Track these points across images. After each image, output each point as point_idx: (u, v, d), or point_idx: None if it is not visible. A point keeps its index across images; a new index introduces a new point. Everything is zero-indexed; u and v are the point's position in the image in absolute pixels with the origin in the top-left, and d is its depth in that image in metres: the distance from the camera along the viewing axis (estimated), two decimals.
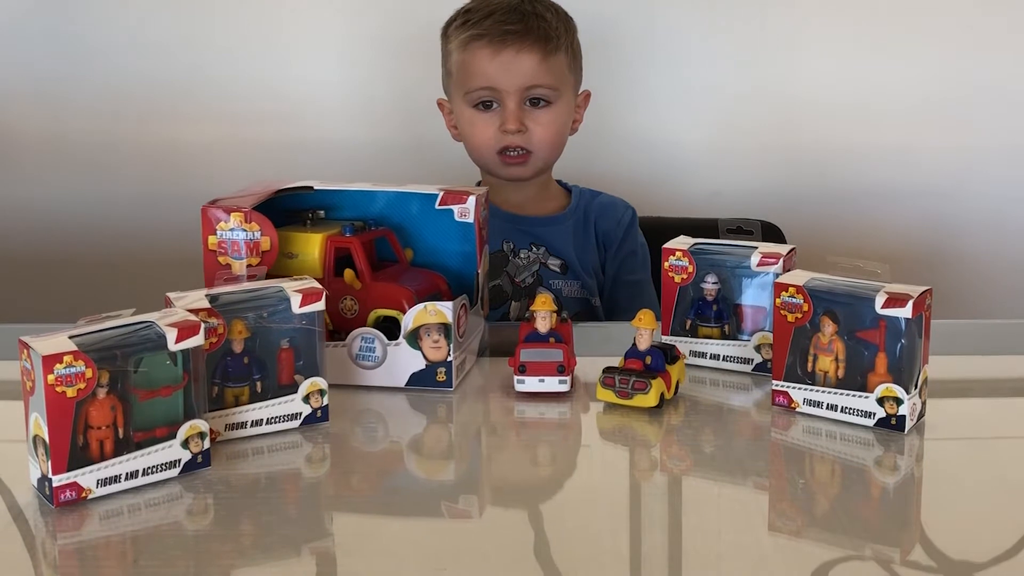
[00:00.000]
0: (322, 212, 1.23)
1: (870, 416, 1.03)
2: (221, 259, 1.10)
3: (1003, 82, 2.12)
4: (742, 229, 1.77)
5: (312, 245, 1.17)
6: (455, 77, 1.59)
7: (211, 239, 1.11)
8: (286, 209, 1.21)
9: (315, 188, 1.22)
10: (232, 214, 1.10)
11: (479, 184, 1.67)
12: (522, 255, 1.58)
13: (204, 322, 0.93)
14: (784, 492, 0.95)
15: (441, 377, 1.12)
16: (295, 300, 1.01)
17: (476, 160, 1.62)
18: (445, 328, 1.11)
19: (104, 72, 2.10)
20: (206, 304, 0.98)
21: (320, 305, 1.02)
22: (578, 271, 1.60)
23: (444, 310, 1.11)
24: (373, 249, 1.21)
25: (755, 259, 1.17)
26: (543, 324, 1.12)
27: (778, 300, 1.06)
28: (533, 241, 1.60)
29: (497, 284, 1.56)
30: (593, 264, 1.62)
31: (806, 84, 2.13)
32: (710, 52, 2.11)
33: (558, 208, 1.65)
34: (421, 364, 1.12)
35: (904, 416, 1.01)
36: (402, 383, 1.12)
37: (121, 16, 2.08)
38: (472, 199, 1.19)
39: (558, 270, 1.59)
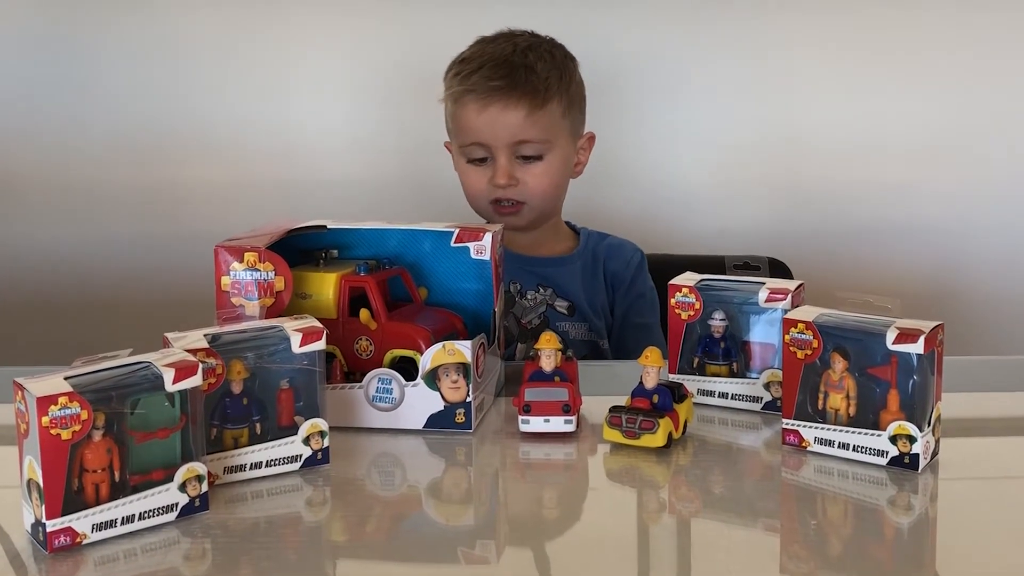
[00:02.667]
0: (335, 251, 1.22)
1: (883, 455, 1.00)
2: (234, 300, 1.09)
3: (1009, 118, 2.12)
4: (749, 265, 1.76)
5: (326, 285, 1.16)
6: (451, 128, 1.60)
7: (224, 280, 1.09)
8: (298, 249, 1.19)
9: (328, 227, 1.21)
10: (246, 254, 1.08)
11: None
12: (529, 296, 1.57)
13: (202, 362, 0.92)
14: (796, 533, 0.93)
15: (460, 419, 1.10)
16: (295, 340, 0.99)
17: (472, 207, 1.61)
18: (464, 368, 1.09)
19: (106, 115, 2.10)
20: (205, 344, 0.96)
21: (320, 345, 1.01)
22: (586, 313, 1.58)
23: (463, 349, 1.09)
24: (387, 288, 1.20)
25: (763, 295, 1.16)
26: (548, 363, 1.10)
27: (787, 336, 1.05)
28: (540, 282, 1.58)
29: (503, 325, 1.54)
30: (602, 305, 1.61)
31: (812, 121, 2.13)
32: (715, 90, 2.11)
33: (566, 249, 1.64)
34: (439, 405, 1.10)
35: (917, 454, 0.99)
36: (420, 425, 1.10)
37: (124, 60, 2.09)
38: (488, 236, 1.18)
39: (565, 312, 1.57)
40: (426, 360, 1.09)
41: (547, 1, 2.05)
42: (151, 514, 0.88)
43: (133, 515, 0.88)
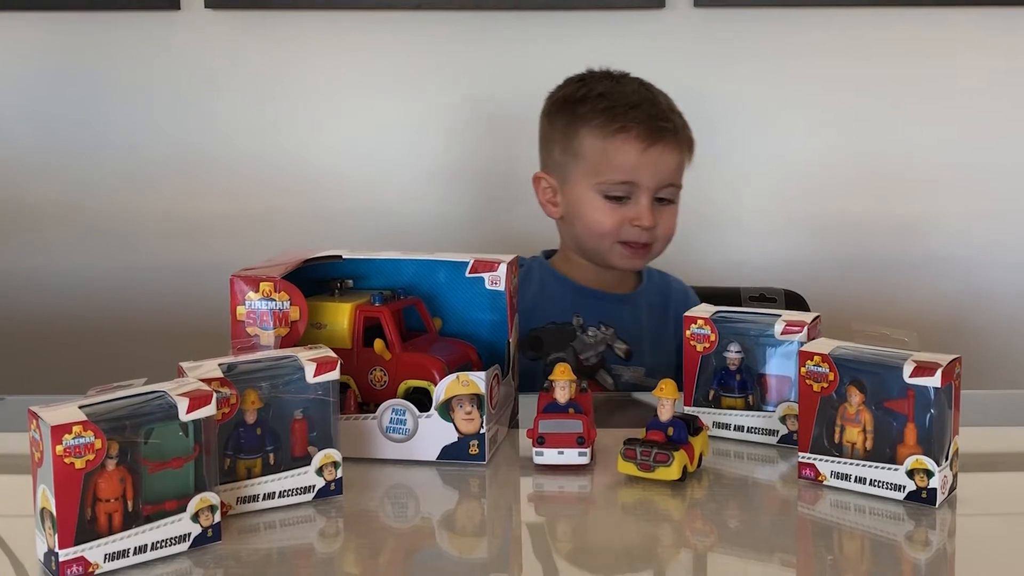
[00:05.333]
0: (350, 281, 1.22)
1: (900, 489, 0.99)
2: (250, 330, 1.09)
3: None
4: (765, 297, 1.75)
5: (341, 315, 1.16)
6: (586, 162, 1.53)
7: (239, 309, 1.09)
8: (314, 279, 1.19)
9: (343, 257, 1.21)
10: (261, 284, 1.08)
11: (550, 255, 1.64)
12: (590, 332, 1.54)
13: (216, 392, 0.92)
14: (812, 569, 0.92)
15: (474, 450, 1.09)
16: (309, 369, 0.99)
17: (591, 245, 1.55)
18: (478, 399, 1.09)
19: (125, 144, 2.12)
20: (219, 374, 0.96)
21: (335, 375, 1.01)
22: (644, 357, 1.55)
23: (477, 380, 1.09)
24: (402, 318, 1.20)
25: (779, 327, 1.15)
26: (562, 394, 1.09)
27: (803, 369, 1.04)
28: (603, 320, 1.55)
29: (560, 358, 1.51)
30: (667, 342, 1.57)
31: (829, 153, 2.13)
32: (731, 122, 2.11)
33: (630, 286, 1.61)
34: (453, 437, 1.09)
35: (935, 489, 0.98)
36: (433, 456, 1.10)
37: (143, 89, 2.11)
38: (503, 267, 1.18)
39: (622, 355, 1.54)
40: (440, 391, 1.09)
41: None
42: (163, 544, 0.88)
43: (145, 545, 0.87)
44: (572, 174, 1.55)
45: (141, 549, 0.87)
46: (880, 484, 1.01)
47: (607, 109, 1.51)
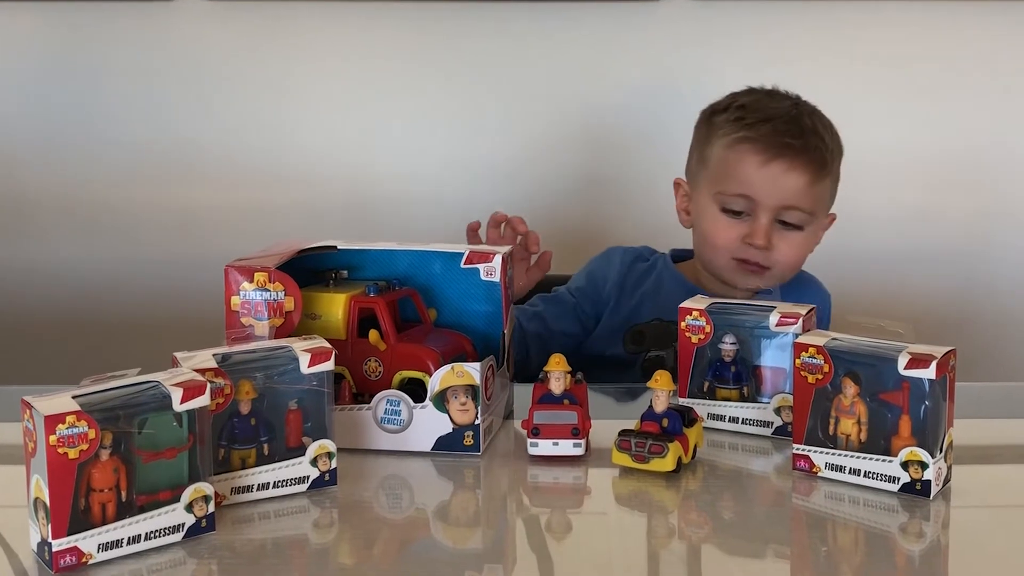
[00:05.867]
0: (345, 272, 1.22)
1: (894, 481, 1.00)
2: (244, 320, 1.08)
3: None
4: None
5: (336, 305, 1.15)
6: (710, 171, 1.49)
7: (234, 299, 1.08)
8: (308, 269, 1.19)
9: (338, 248, 1.21)
10: (256, 274, 1.08)
11: (677, 256, 1.60)
12: None
13: (210, 382, 0.91)
14: (806, 561, 0.92)
15: (468, 441, 1.09)
16: (304, 360, 0.99)
17: (707, 257, 1.52)
18: (473, 390, 1.09)
19: (121, 135, 2.11)
20: (213, 364, 0.96)
21: (329, 365, 1.00)
22: None
23: (472, 371, 1.08)
24: (397, 309, 1.20)
25: (774, 319, 1.15)
26: (557, 385, 1.09)
27: (798, 361, 1.04)
28: None
29: (660, 356, 1.50)
30: None
31: None
32: None
33: (745, 294, 1.53)
34: (448, 428, 1.09)
35: (929, 481, 0.98)
36: (428, 447, 1.10)
37: (140, 80, 2.10)
38: (498, 258, 1.18)
39: None
40: (435, 382, 1.09)
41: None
42: (157, 534, 0.88)
43: (139, 535, 0.87)
44: (699, 182, 1.52)
45: (135, 539, 0.87)
46: (874, 476, 1.01)
47: (738, 119, 1.47)
